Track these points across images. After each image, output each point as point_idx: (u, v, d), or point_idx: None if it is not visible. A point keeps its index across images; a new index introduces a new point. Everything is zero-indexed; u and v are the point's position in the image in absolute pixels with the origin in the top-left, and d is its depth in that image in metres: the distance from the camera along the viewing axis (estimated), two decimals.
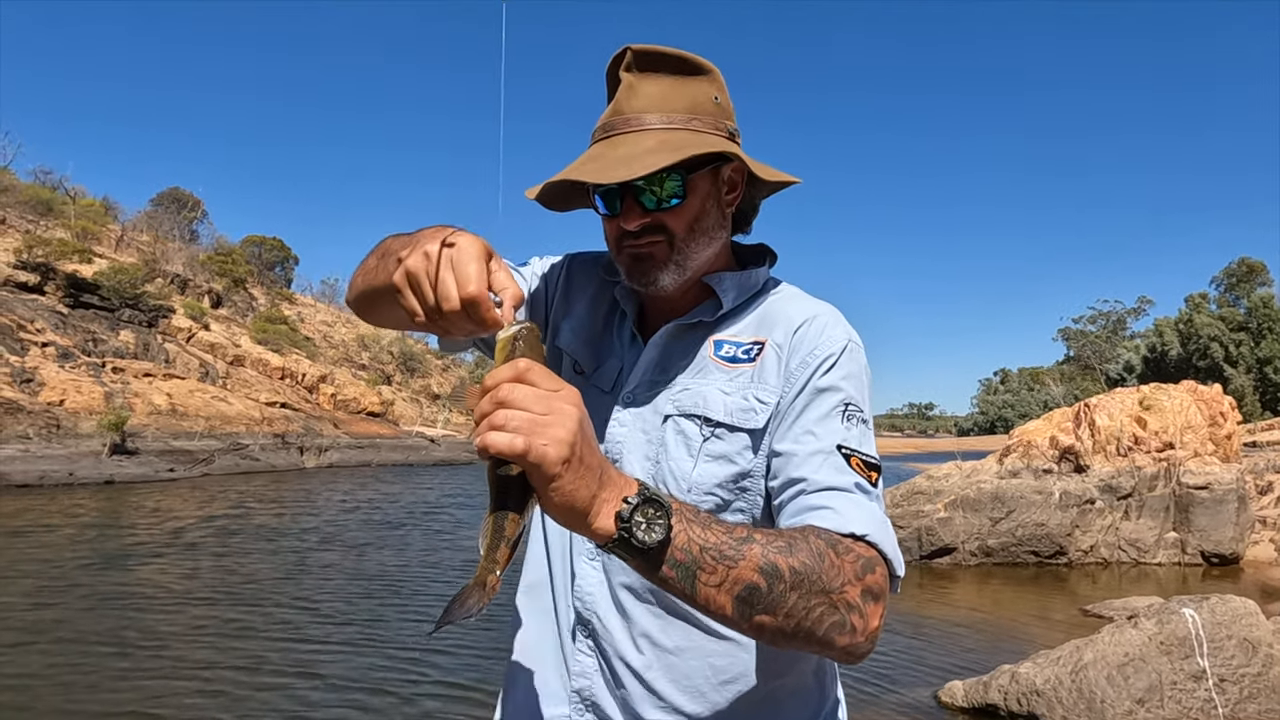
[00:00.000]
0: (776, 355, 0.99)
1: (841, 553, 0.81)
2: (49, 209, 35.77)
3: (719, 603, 0.76)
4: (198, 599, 7.52)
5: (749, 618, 0.77)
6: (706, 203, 1.01)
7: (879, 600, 0.82)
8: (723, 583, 0.75)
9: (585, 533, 0.72)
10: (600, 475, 0.71)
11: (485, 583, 0.70)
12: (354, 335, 53.70)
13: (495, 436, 0.65)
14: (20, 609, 6.95)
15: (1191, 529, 10.38)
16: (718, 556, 0.75)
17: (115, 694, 4.99)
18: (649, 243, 0.99)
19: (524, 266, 1.20)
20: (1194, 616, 4.75)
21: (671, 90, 0.99)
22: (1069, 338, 68.05)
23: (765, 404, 0.97)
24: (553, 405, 0.67)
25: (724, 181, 1.03)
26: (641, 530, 0.71)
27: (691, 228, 1.00)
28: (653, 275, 1.01)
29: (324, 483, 22.33)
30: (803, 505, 0.88)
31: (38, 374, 23.49)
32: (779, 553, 0.77)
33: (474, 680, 5.42)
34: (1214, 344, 45.45)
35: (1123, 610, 6.89)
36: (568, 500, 0.68)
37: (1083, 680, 4.64)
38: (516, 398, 0.66)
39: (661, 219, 0.98)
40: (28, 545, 10.21)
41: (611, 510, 0.71)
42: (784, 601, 0.76)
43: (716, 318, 1.05)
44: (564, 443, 0.66)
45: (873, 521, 0.86)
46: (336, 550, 10.65)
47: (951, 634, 6.83)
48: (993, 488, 10.59)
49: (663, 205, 0.98)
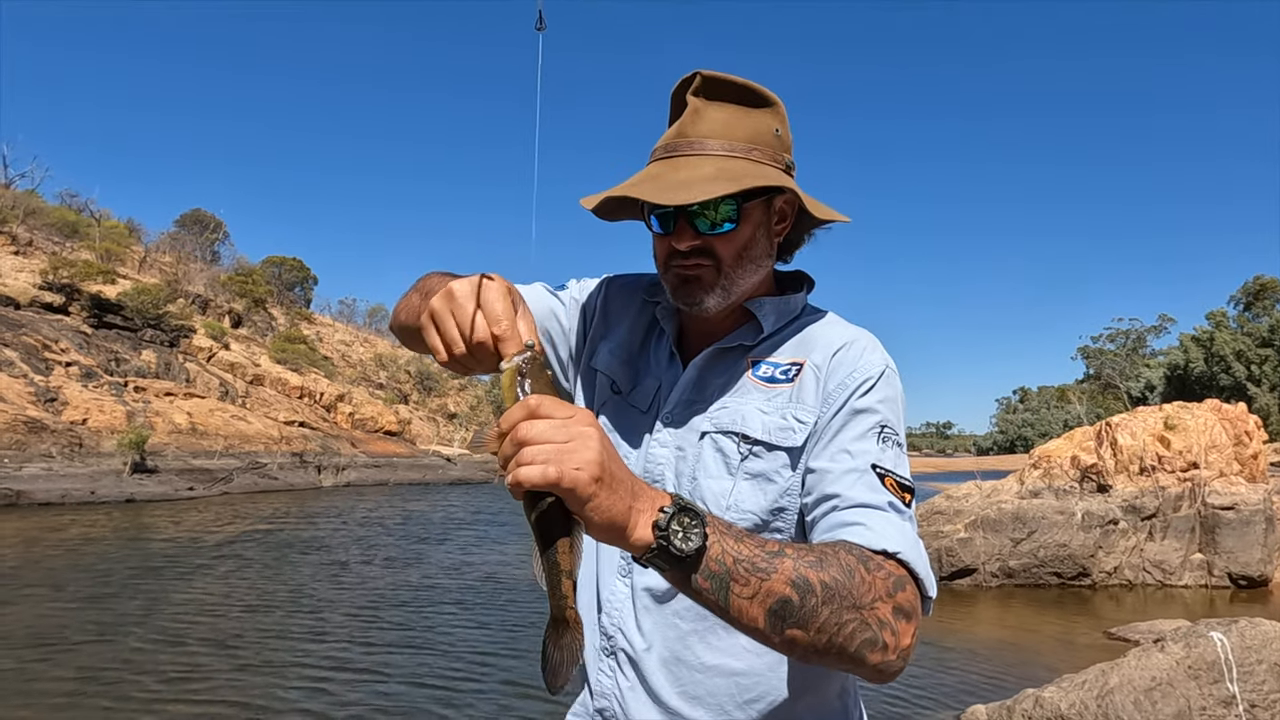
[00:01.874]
0: (815, 376, 1.01)
1: (872, 569, 0.81)
2: (74, 231, 36.43)
3: (751, 615, 0.76)
4: (256, 607, 7.58)
5: (781, 631, 0.77)
6: (757, 231, 1.03)
7: (911, 619, 0.82)
8: (755, 595, 0.75)
9: (625, 545, 0.73)
10: (631, 488, 0.73)
11: (566, 620, 0.71)
12: (371, 354, 54.09)
13: (526, 471, 0.67)
14: (84, 611, 7.02)
15: (1218, 550, 10.20)
16: (750, 568, 0.76)
17: (213, 688, 5.02)
18: (696, 265, 1.01)
19: (562, 290, 1.21)
20: (1223, 640, 4.65)
21: (735, 119, 1.02)
22: (1088, 356, 67.43)
23: (804, 423, 0.98)
24: (572, 431, 0.69)
25: (775, 212, 1.06)
26: (679, 538, 0.73)
27: (740, 255, 1.02)
28: (698, 297, 1.02)
29: (345, 500, 22.43)
30: (835, 521, 0.89)
31: (61, 393, 23.82)
32: (810, 567, 0.78)
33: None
34: (1237, 361, 44.87)
35: (1148, 633, 6.77)
36: (607, 517, 0.70)
37: (1109, 705, 4.55)
38: (536, 433, 0.68)
39: (712, 244, 1.00)
40: (78, 557, 10.32)
41: (649, 520, 0.73)
42: (816, 616, 0.76)
43: (756, 341, 1.07)
44: (593, 463, 0.68)
45: (905, 540, 0.86)
46: (380, 562, 10.73)
47: (973, 657, 6.73)
48: (1013, 508, 10.46)
49: (715, 230, 1.00)
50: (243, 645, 6.62)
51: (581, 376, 1.18)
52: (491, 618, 7.93)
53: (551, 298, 1.19)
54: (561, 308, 1.18)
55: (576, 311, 1.19)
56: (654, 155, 1.04)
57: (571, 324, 1.18)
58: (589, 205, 1.05)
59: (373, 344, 57.97)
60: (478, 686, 5.73)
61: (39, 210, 35.80)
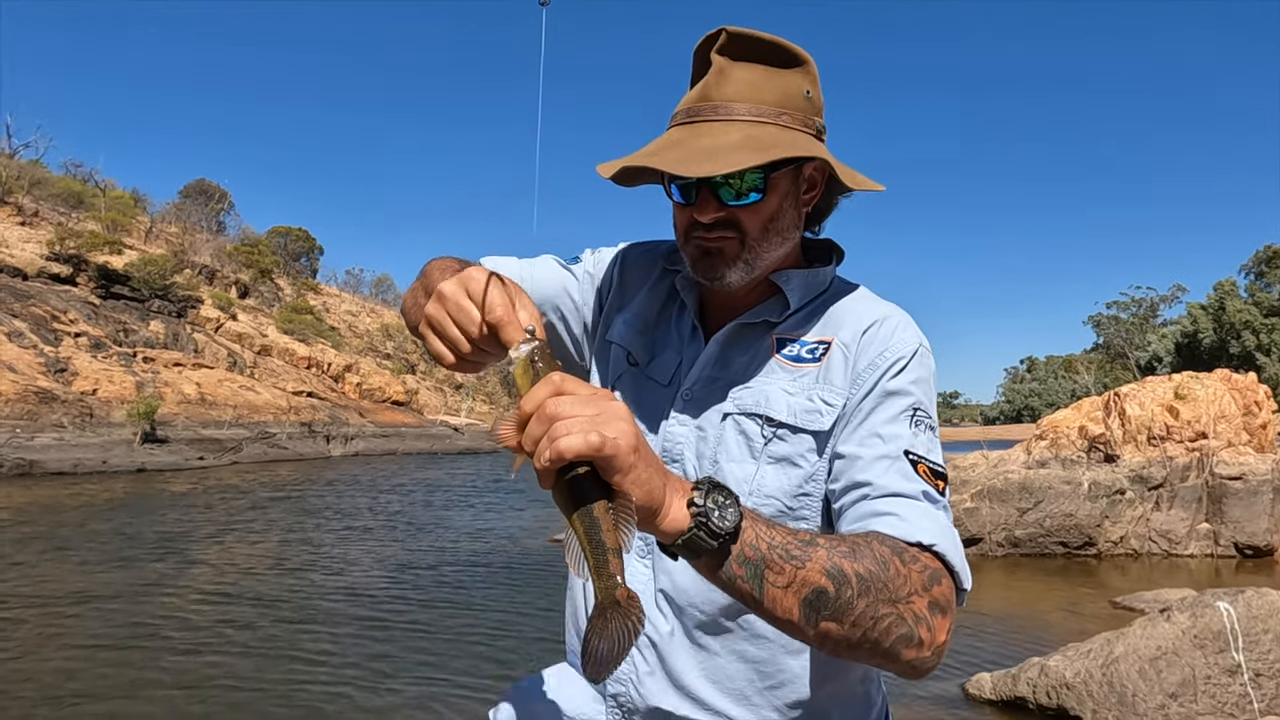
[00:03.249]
0: (844, 356, 0.96)
1: (908, 561, 0.78)
2: (80, 201, 36.37)
3: (786, 606, 0.73)
4: (284, 567, 7.70)
5: (815, 624, 0.74)
6: (784, 202, 0.97)
7: (946, 614, 0.78)
8: (790, 584, 0.72)
9: (655, 528, 0.70)
10: (661, 467, 0.70)
11: (617, 601, 0.65)
12: (378, 325, 54.15)
13: (567, 441, 0.63)
14: (103, 580, 7.13)
15: (1225, 520, 10.21)
16: (785, 555, 0.72)
17: (227, 655, 5.13)
18: (719, 238, 0.95)
19: (575, 263, 1.16)
20: (1229, 610, 4.67)
21: (764, 80, 0.95)
22: (1099, 324, 67.09)
23: (831, 406, 0.94)
24: (601, 405, 0.66)
25: (804, 180, 0.99)
26: (716, 516, 0.69)
27: (766, 228, 0.96)
28: (720, 271, 0.97)
29: (355, 469, 22.61)
30: (867, 510, 0.85)
31: (71, 364, 23.95)
32: (844, 557, 0.74)
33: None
34: (1246, 330, 44.59)
35: (1154, 603, 6.80)
36: (645, 490, 0.67)
37: (1114, 674, 4.59)
38: (565, 408, 0.65)
39: (737, 215, 0.94)
40: (117, 523, 10.47)
41: (683, 499, 0.70)
42: (851, 608, 0.73)
43: (782, 317, 1.02)
44: (630, 433, 0.66)
45: (940, 531, 0.82)
46: (401, 527, 10.85)
47: (978, 626, 6.77)
48: (1020, 478, 10.47)
49: (740, 201, 0.94)
50: (275, 603, 6.78)
51: (597, 352, 1.14)
52: (519, 578, 8.04)
53: (563, 271, 1.14)
54: (574, 282, 1.14)
55: (590, 285, 1.14)
56: (675, 119, 0.98)
57: (585, 298, 1.13)
58: (606, 173, 0.99)
59: (379, 314, 58.00)
60: (514, 643, 5.90)
61: (44, 180, 35.72)
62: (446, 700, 4.85)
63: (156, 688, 4.91)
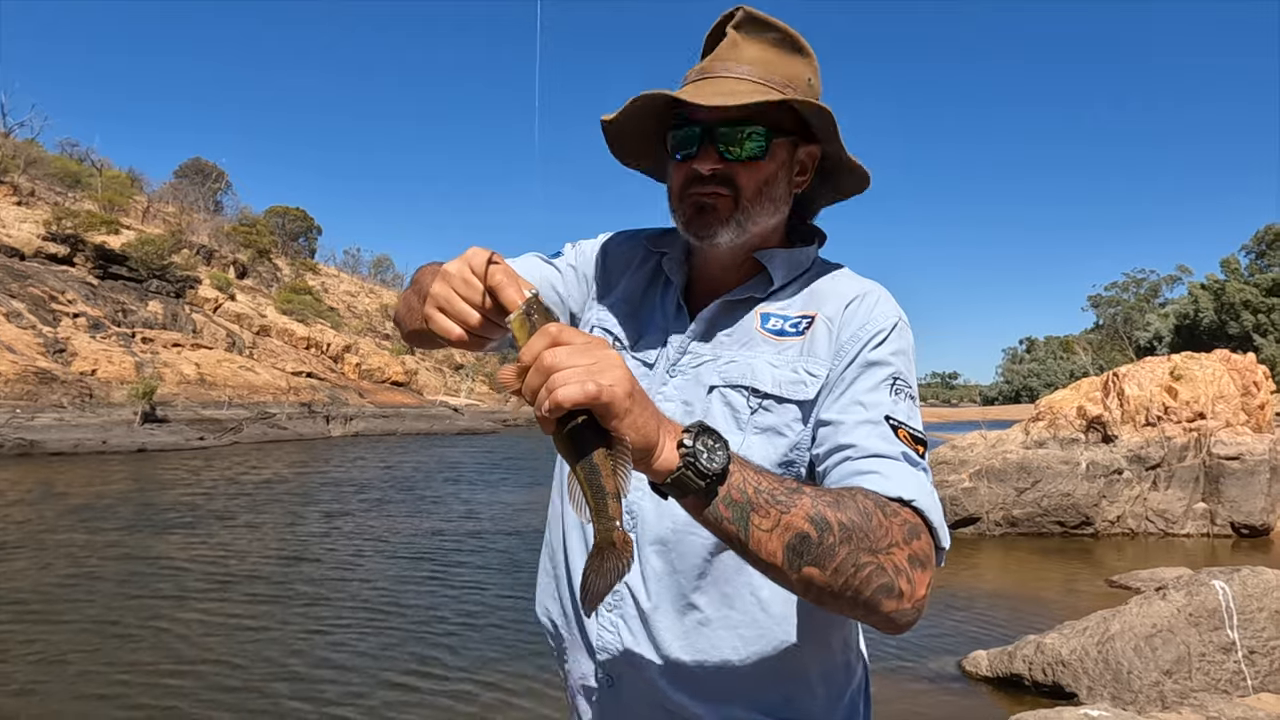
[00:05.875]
0: (828, 329, 0.99)
1: (889, 514, 0.80)
2: (76, 181, 36.17)
3: (770, 549, 0.75)
4: (291, 549, 7.75)
5: (798, 569, 0.76)
6: (780, 171, 1.01)
7: (925, 568, 0.81)
8: (775, 527, 0.75)
9: (648, 468, 0.73)
10: (655, 410, 0.73)
11: (614, 543, 0.69)
12: (377, 305, 54.05)
13: (564, 390, 0.65)
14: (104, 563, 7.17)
15: (1221, 500, 10.26)
16: (770, 500, 0.75)
17: (226, 636, 5.17)
18: (714, 193, 0.99)
19: (557, 258, 1.19)
20: (1224, 589, 4.70)
21: (774, 58, 1.00)
22: (1098, 305, 67.04)
23: (815, 376, 0.97)
24: (596, 354, 0.68)
25: (798, 160, 1.04)
26: (704, 457, 0.72)
27: (760, 190, 1.00)
28: (713, 228, 1.00)
29: (356, 450, 22.66)
30: (849, 470, 0.88)
31: (70, 344, 23.93)
32: (828, 506, 0.77)
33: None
34: (1246, 310, 44.56)
35: (1150, 581, 6.84)
36: (641, 434, 0.69)
37: (1109, 651, 4.63)
38: (561, 358, 0.67)
39: (735, 171, 0.98)
40: (105, 507, 10.50)
41: (674, 441, 0.73)
42: (833, 555, 0.76)
43: (766, 294, 1.05)
44: (625, 378, 0.68)
45: (920, 489, 0.85)
46: (406, 505, 10.89)
47: (975, 604, 6.83)
48: (1018, 458, 10.51)
49: (740, 157, 0.97)
50: (280, 582, 6.86)
51: None
52: (519, 557, 8.08)
53: (546, 266, 1.17)
54: (558, 275, 1.16)
55: (574, 277, 1.17)
56: (687, 79, 1.02)
57: (569, 290, 1.16)
58: (609, 119, 1.02)
59: (378, 294, 57.89)
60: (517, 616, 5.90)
61: (40, 160, 35.50)
62: (446, 677, 4.90)
63: (156, 667, 4.96)
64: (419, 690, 4.74)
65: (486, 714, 4.44)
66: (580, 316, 1.17)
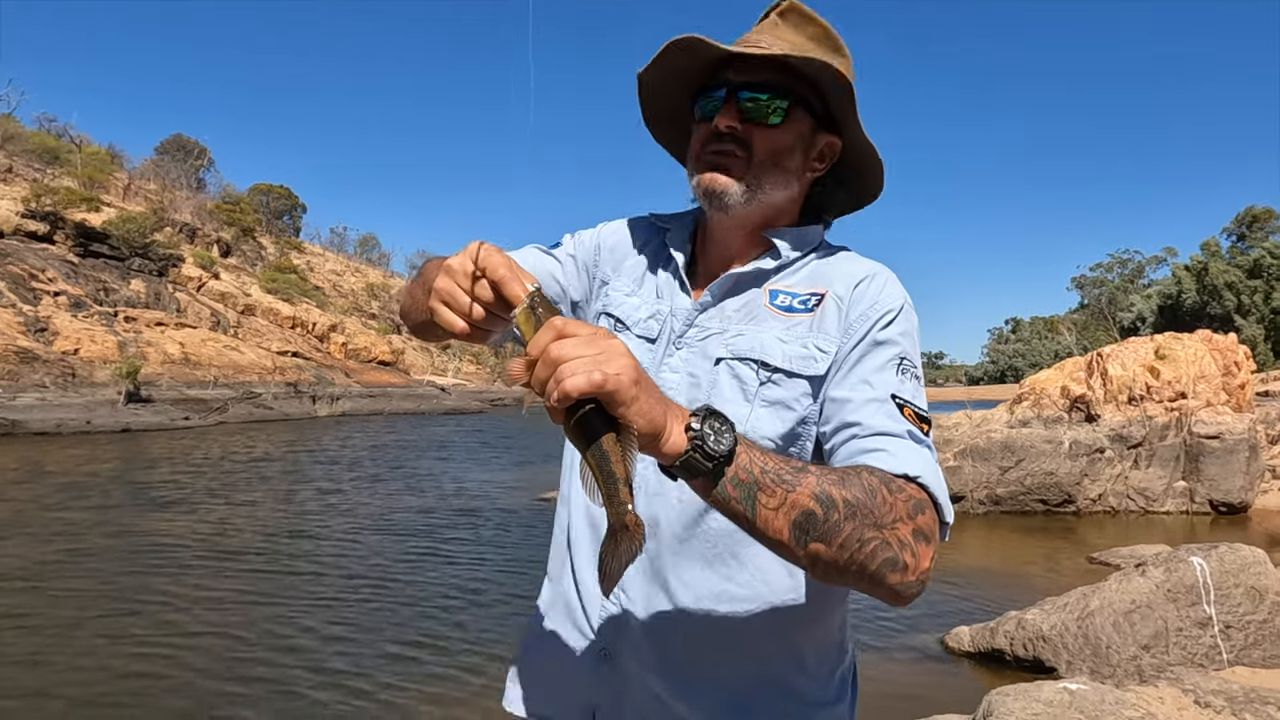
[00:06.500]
0: (837, 307, 1.01)
1: (894, 491, 0.83)
2: (55, 157, 35.61)
3: (776, 527, 0.78)
4: (287, 525, 7.75)
5: (804, 545, 0.78)
6: (795, 143, 1.04)
7: (929, 542, 0.83)
8: (781, 506, 0.77)
9: (658, 452, 0.75)
10: (661, 396, 0.75)
11: (626, 525, 0.71)
12: (363, 284, 53.68)
13: (572, 381, 0.68)
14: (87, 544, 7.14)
15: (1201, 478, 10.40)
16: (777, 479, 0.78)
17: (222, 607, 5.17)
18: (729, 151, 1.02)
19: (556, 248, 1.21)
20: (1202, 565, 4.78)
21: (810, 46, 1.04)
22: (1084, 286, 67.45)
23: (825, 353, 0.99)
24: (601, 344, 0.71)
25: (816, 145, 1.07)
26: (712, 440, 0.74)
27: (773, 156, 1.02)
28: (723, 186, 1.03)
29: (343, 430, 22.59)
30: (856, 448, 0.90)
31: (51, 323, 23.66)
32: (833, 484, 0.79)
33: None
34: (1228, 291, 44.98)
35: (1130, 558, 6.94)
36: (648, 419, 0.71)
37: (1089, 627, 4.70)
38: (568, 349, 0.70)
39: (751, 132, 1.01)
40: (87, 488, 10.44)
41: (681, 425, 0.75)
42: (839, 531, 0.78)
43: (774, 269, 1.07)
44: (631, 367, 0.71)
45: (925, 466, 0.87)
46: (394, 484, 10.89)
47: (958, 581, 6.91)
48: (1002, 437, 10.60)
49: (758, 120, 1.01)
50: (284, 558, 6.87)
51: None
52: (508, 536, 8.11)
53: (546, 257, 1.18)
54: (558, 265, 1.18)
55: (574, 266, 1.19)
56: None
57: (569, 280, 1.18)
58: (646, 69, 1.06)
59: (364, 274, 57.47)
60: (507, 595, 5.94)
61: (17, 135, 34.90)
62: (436, 657, 4.93)
63: (147, 647, 4.96)
64: (424, 662, 4.81)
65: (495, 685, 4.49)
66: (581, 305, 1.19)
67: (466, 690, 4.37)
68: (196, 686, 4.39)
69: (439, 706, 4.22)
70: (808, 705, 1.02)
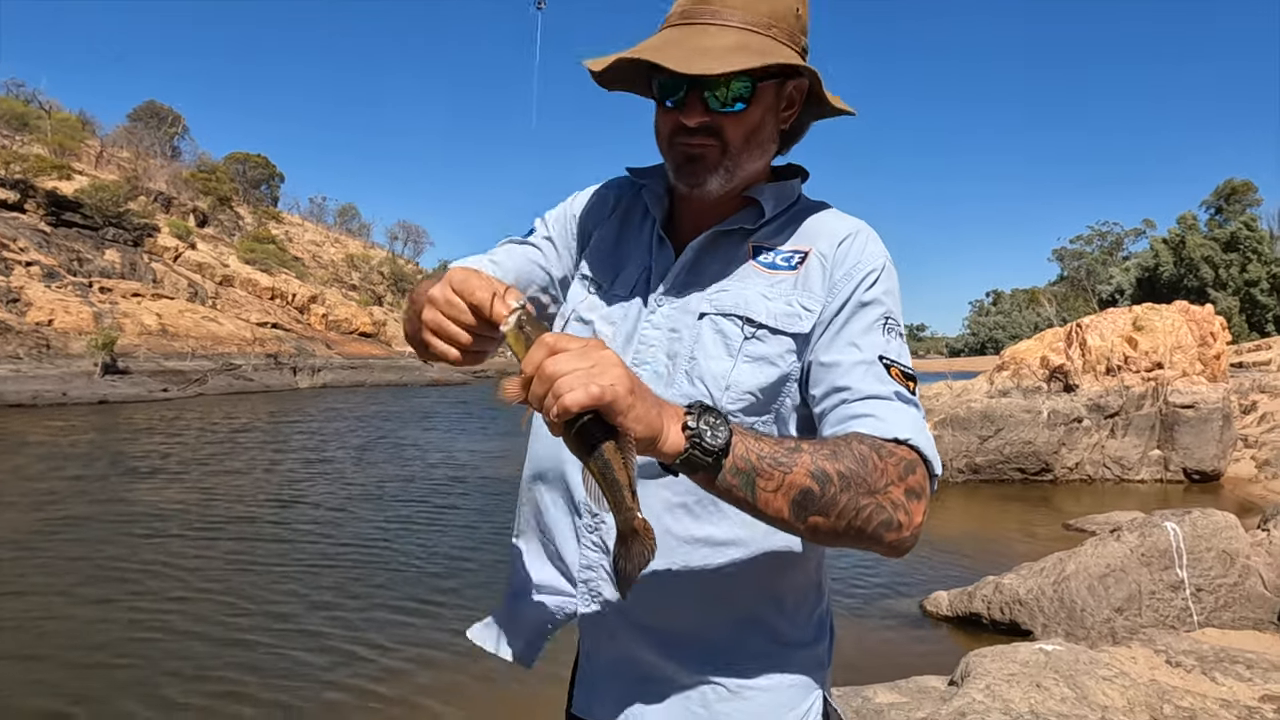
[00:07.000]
0: (821, 265, 1.01)
1: (885, 456, 0.86)
2: (24, 124, 34.76)
3: (776, 506, 0.81)
4: (281, 494, 7.71)
5: (804, 519, 0.83)
6: (766, 115, 1.01)
7: (921, 498, 0.88)
8: (779, 488, 0.81)
9: (657, 453, 0.77)
10: (656, 399, 0.77)
11: (635, 530, 0.74)
12: (343, 255, 53.13)
13: (570, 396, 0.70)
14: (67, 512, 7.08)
15: (1175, 447, 10.59)
16: (773, 463, 0.81)
17: (212, 573, 5.15)
18: (701, 144, 0.99)
19: (531, 235, 1.20)
20: (1175, 530, 4.88)
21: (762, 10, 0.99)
22: (1063, 258, 67.94)
23: (810, 311, 0.99)
24: (594, 356, 0.72)
25: (784, 97, 1.03)
26: (708, 435, 0.77)
27: (748, 138, 1.00)
28: (702, 178, 1.01)
29: (326, 401, 22.46)
30: (846, 413, 0.93)
31: (24, 294, 23.26)
32: (826, 459, 0.83)
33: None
34: (1204, 264, 45.50)
35: (1105, 525, 7.07)
36: (645, 424, 0.74)
37: (1064, 590, 4.80)
38: (562, 365, 0.71)
39: (721, 123, 0.98)
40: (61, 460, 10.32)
41: (678, 424, 0.77)
42: (835, 503, 0.82)
43: (757, 225, 1.06)
44: (624, 376, 0.73)
45: (913, 426, 0.90)
46: (378, 453, 10.85)
47: (937, 548, 7.02)
48: (982, 406, 10.72)
49: (725, 108, 0.97)
50: (276, 524, 6.84)
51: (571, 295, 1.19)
52: (491, 503, 8.14)
53: (524, 247, 1.18)
54: (537, 252, 1.18)
55: (551, 248, 1.18)
56: (669, 21, 1.01)
57: (550, 263, 1.18)
58: (596, 67, 1.01)
59: (344, 244, 56.85)
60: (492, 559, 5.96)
61: None
62: (423, 624, 4.95)
63: (140, 611, 4.95)
64: (416, 626, 4.88)
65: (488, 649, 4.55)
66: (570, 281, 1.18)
67: (457, 653, 4.42)
68: (193, 649, 4.44)
69: (432, 670, 4.28)
70: (787, 646, 1.03)
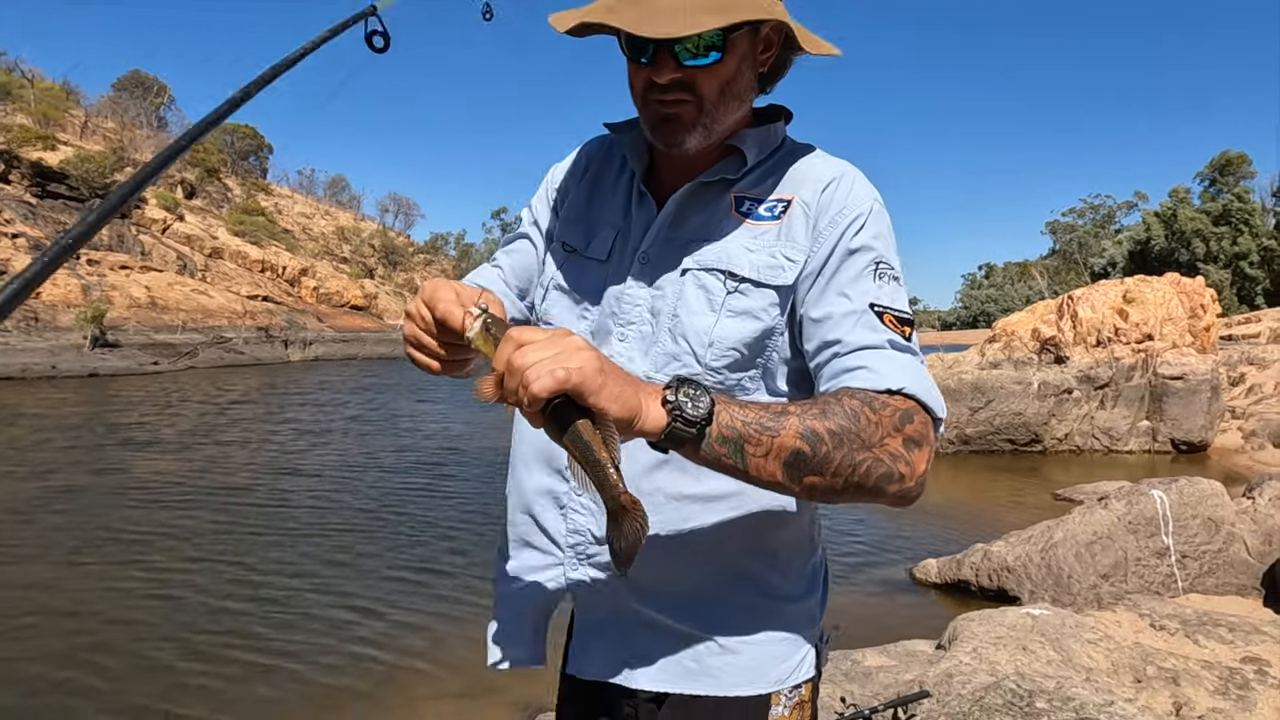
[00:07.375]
0: (804, 213, 0.98)
1: (878, 408, 0.84)
2: (7, 93, 34.22)
3: (769, 470, 0.80)
4: (280, 466, 7.71)
5: (799, 480, 0.81)
6: (742, 64, 0.96)
7: (922, 446, 0.85)
8: (769, 452, 0.80)
9: (640, 431, 0.76)
10: (632, 380, 0.77)
11: (624, 506, 0.73)
12: (333, 227, 52.73)
13: (537, 384, 0.70)
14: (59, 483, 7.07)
15: (1164, 418, 10.67)
16: (760, 428, 0.80)
17: (209, 557, 5.17)
18: (676, 100, 0.94)
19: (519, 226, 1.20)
20: (1162, 497, 4.93)
21: None
22: (1056, 231, 67.91)
23: (794, 262, 0.96)
24: (559, 344, 0.73)
25: (761, 39, 0.98)
26: (689, 406, 0.77)
27: (723, 90, 0.95)
28: (679, 137, 0.96)
29: (320, 374, 22.40)
30: (839, 367, 0.91)
31: (10, 266, 23.02)
32: (815, 419, 0.81)
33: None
34: (1196, 238, 45.59)
35: (1093, 494, 7.15)
36: (621, 401, 0.73)
37: (1052, 558, 4.86)
38: (529, 358, 0.72)
39: (694, 77, 0.93)
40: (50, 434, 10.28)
41: (656, 400, 0.77)
42: (829, 461, 0.81)
43: (739, 174, 1.02)
44: (590, 356, 0.73)
45: (908, 373, 0.88)
46: (374, 427, 10.85)
47: (927, 517, 7.08)
48: (973, 378, 10.77)
49: (698, 60, 0.92)
50: (279, 492, 6.85)
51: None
52: (483, 474, 8.17)
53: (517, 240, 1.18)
54: (526, 242, 1.17)
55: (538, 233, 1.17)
56: None
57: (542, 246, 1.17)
58: (560, 26, 0.95)
59: (334, 216, 56.40)
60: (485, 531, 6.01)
61: None
62: (423, 594, 4.98)
63: (153, 572, 4.97)
64: (431, 585, 5.01)
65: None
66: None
67: (475, 611, 4.54)
68: (210, 605, 4.52)
69: (452, 624, 4.39)
70: (778, 599, 1.03)
